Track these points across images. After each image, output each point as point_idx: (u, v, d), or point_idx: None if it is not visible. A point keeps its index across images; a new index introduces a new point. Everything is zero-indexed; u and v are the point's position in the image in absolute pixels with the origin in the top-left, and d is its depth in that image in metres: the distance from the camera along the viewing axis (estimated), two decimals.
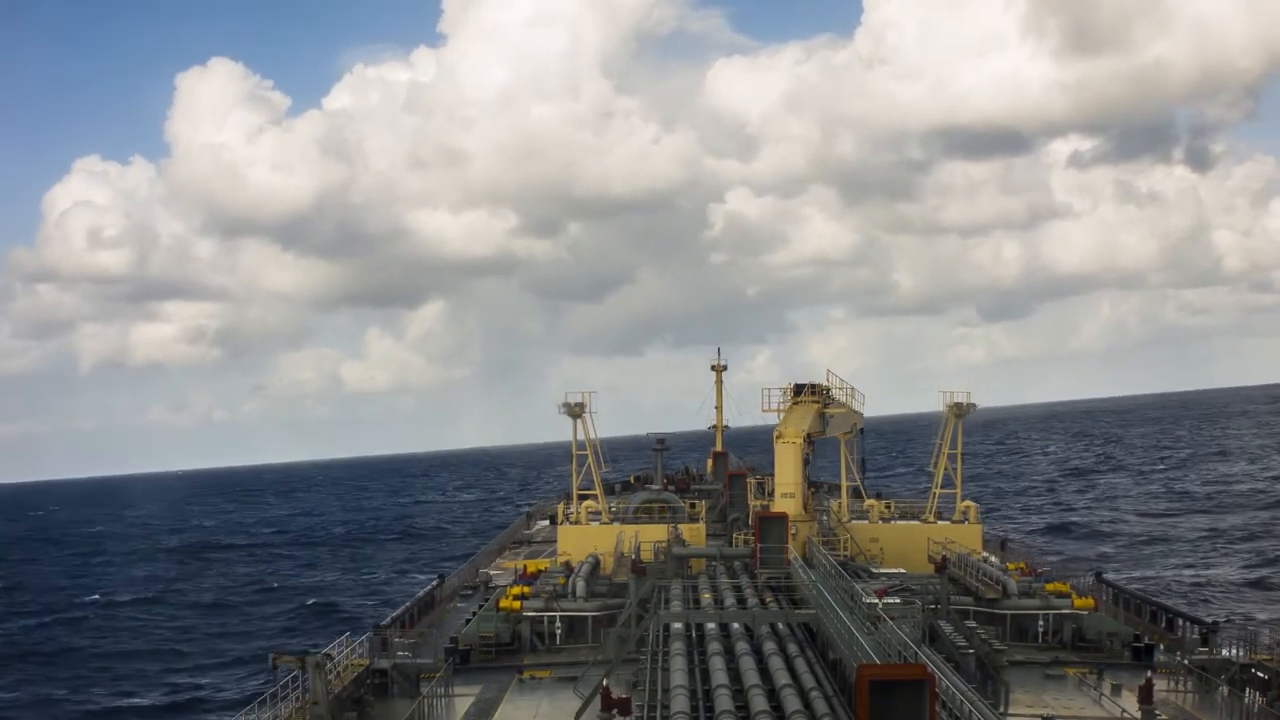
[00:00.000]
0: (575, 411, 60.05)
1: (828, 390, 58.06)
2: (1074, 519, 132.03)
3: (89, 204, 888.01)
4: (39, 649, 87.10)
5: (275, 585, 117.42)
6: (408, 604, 52.40)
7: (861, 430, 60.93)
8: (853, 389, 58.43)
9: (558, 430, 60.86)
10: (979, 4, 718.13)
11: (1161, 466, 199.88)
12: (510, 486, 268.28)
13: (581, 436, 60.41)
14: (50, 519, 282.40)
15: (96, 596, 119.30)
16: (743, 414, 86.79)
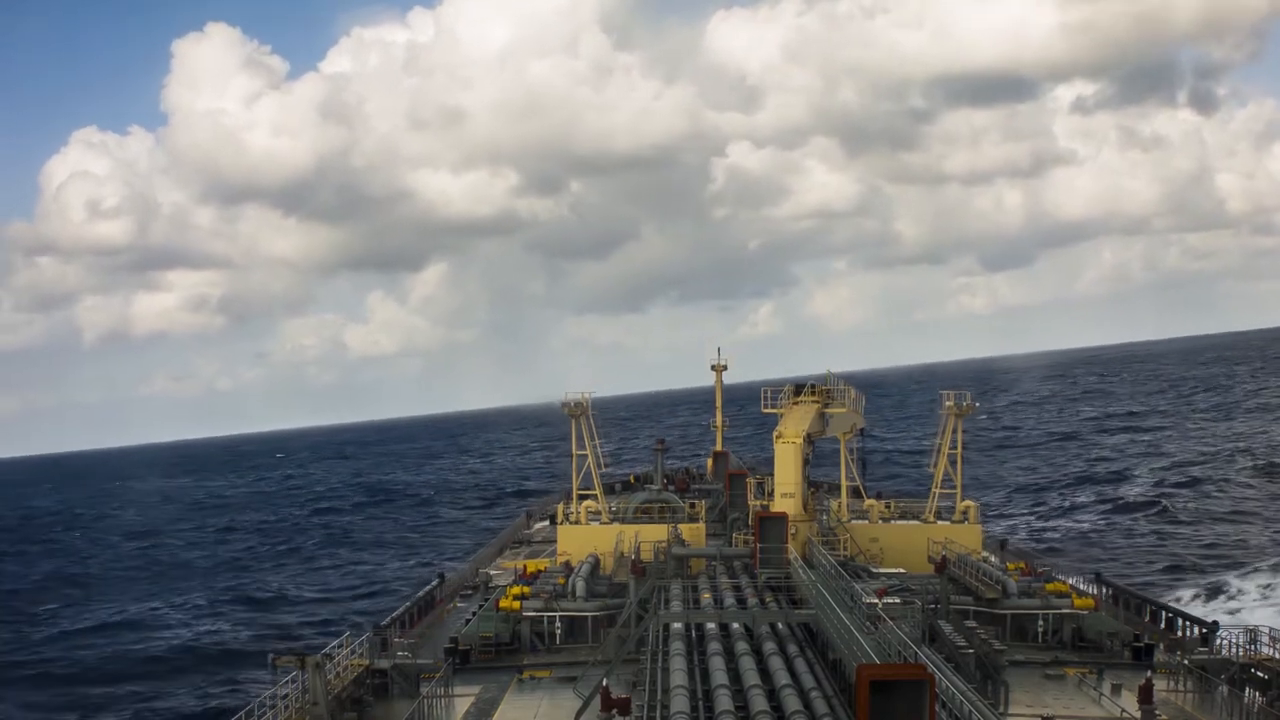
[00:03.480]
0: (575, 412, 60.02)
1: (828, 390, 58.07)
2: None
3: (87, 175, 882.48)
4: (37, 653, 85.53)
5: None
6: (408, 604, 52.38)
7: (862, 430, 60.91)
8: (852, 390, 58.42)
9: (564, 390, 60.85)
10: None
11: None
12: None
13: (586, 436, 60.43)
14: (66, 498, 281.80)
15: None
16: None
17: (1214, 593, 76.14)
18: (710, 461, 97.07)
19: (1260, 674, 38.40)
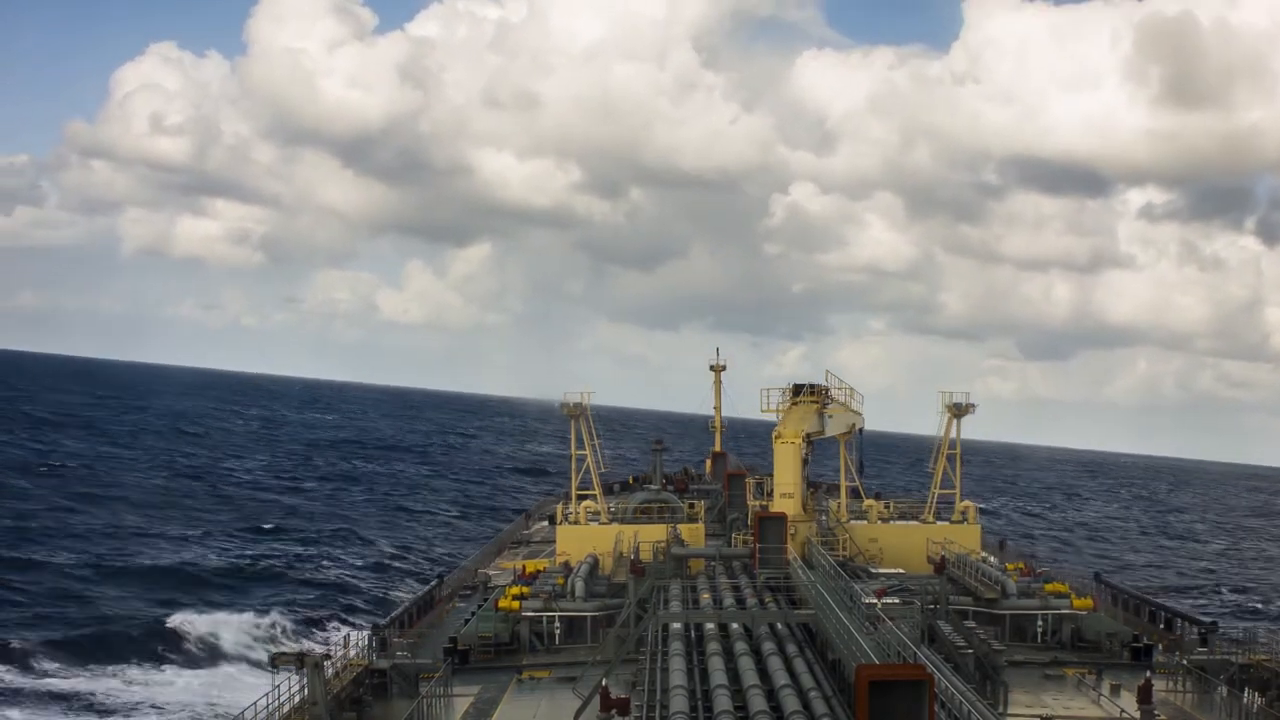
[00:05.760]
0: (574, 412, 59.97)
1: (826, 391, 57.99)
2: None
3: (157, 88, 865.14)
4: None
5: None
6: (407, 604, 52.34)
7: (860, 430, 60.88)
8: (851, 390, 58.39)
9: (576, 390, 61.39)
10: (1083, 40, 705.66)
11: None
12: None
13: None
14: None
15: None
16: (738, 407, 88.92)
17: None
18: (709, 462, 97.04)
19: (1259, 674, 38.47)
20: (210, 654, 62.99)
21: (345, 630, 65.23)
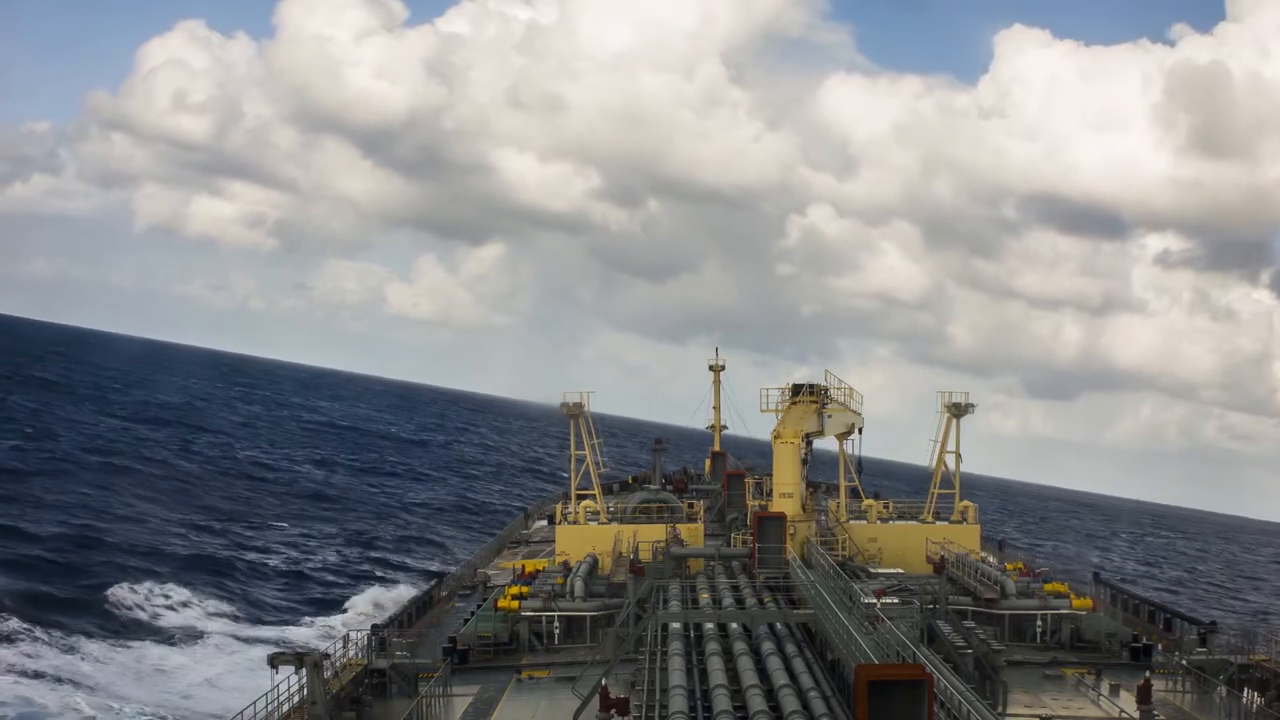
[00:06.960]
0: (573, 412, 59.96)
1: (826, 390, 57.99)
2: None
3: (183, 65, 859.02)
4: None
5: None
6: (406, 604, 52.36)
7: (860, 430, 60.86)
8: (851, 389, 58.38)
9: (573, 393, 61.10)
10: (1114, 82, 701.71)
11: None
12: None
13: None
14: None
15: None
16: (747, 426, 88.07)
17: None
18: (709, 462, 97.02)
19: (1258, 674, 38.48)
20: (191, 637, 62.69)
21: (338, 622, 65.36)
